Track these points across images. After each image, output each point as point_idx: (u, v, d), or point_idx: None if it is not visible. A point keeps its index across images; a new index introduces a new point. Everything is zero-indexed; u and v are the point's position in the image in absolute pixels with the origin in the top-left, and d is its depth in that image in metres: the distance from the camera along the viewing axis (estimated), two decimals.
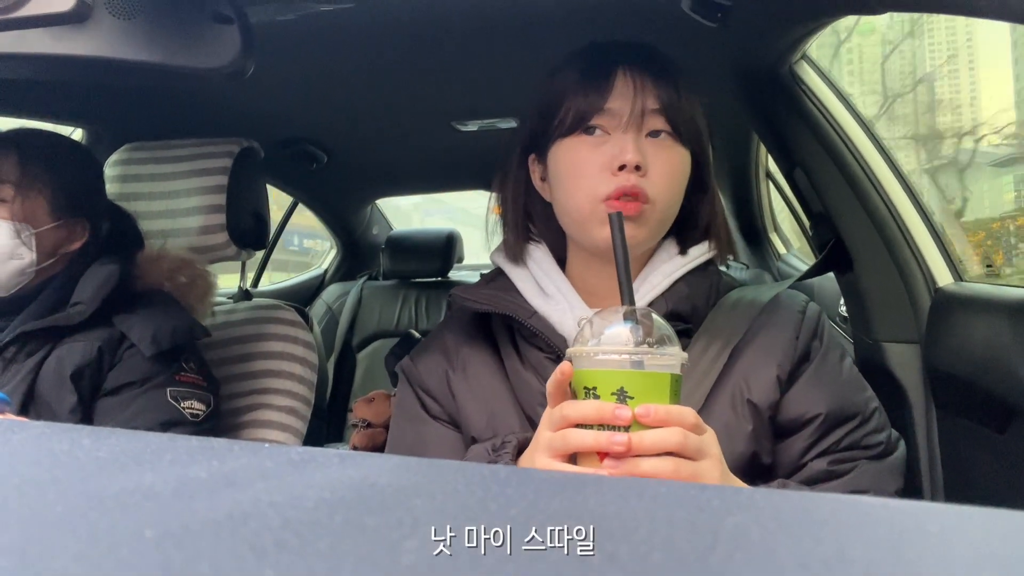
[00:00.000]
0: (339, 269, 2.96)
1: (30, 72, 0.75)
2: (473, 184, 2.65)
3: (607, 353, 0.60)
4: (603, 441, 0.58)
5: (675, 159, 0.78)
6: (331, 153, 2.05)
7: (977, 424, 1.09)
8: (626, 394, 0.59)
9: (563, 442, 0.60)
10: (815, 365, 0.79)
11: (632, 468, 0.58)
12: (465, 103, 1.68)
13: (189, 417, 1.12)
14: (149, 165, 1.43)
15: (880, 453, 0.77)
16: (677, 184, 0.79)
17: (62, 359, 1.08)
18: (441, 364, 0.86)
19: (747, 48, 1.19)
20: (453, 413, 0.84)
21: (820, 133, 1.26)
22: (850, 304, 1.40)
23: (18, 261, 1.11)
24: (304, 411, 1.41)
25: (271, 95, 1.56)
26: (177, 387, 1.13)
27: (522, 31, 1.25)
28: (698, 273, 0.82)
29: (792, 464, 0.77)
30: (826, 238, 1.33)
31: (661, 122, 0.77)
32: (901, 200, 1.26)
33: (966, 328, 1.10)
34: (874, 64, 6.56)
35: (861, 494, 0.74)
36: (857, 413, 0.77)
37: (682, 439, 0.58)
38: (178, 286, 1.26)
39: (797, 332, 0.80)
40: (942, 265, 1.24)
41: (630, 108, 0.76)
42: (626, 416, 0.58)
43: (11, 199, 1.11)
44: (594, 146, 0.77)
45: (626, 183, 0.74)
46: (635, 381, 0.59)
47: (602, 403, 0.59)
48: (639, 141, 0.76)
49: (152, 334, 1.12)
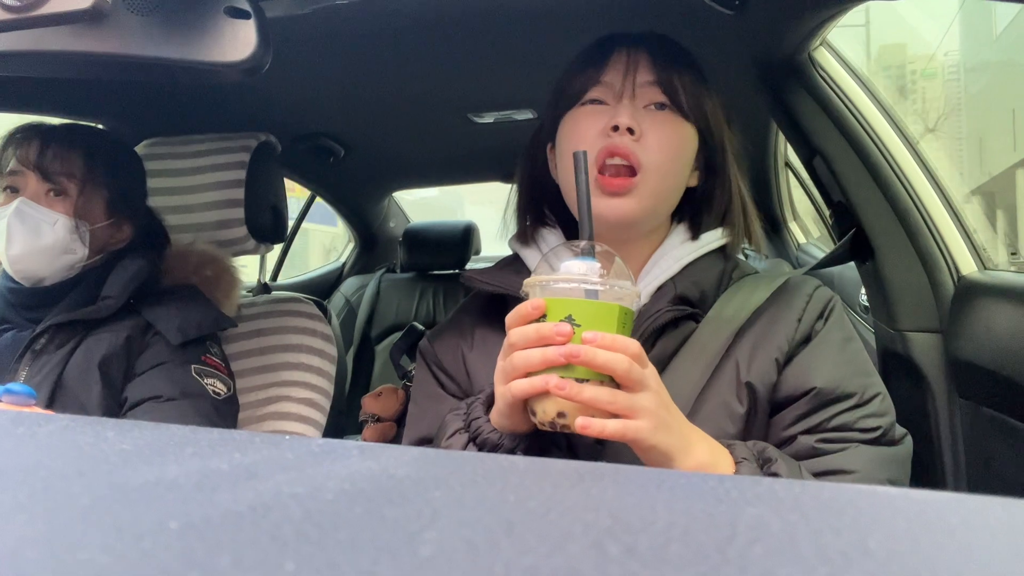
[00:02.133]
0: (357, 262, 2.97)
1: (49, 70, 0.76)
2: (490, 176, 2.65)
3: (558, 282, 0.63)
4: (550, 354, 0.60)
5: (674, 131, 0.79)
6: (348, 147, 2.06)
7: (1001, 414, 1.07)
8: (574, 321, 0.61)
9: (511, 365, 0.63)
10: (815, 343, 0.78)
11: (575, 392, 0.60)
12: (481, 95, 1.67)
13: (211, 393, 1.14)
14: (167, 160, 1.44)
15: (876, 439, 0.74)
16: (675, 155, 0.79)
17: (90, 349, 1.10)
18: (457, 343, 0.88)
19: (765, 35, 1.18)
20: (469, 391, 0.85)
21: (840, 121, 1.24)
22: (871, 293, 1.38)
23: (71, 256, 1.13)
24: (323, 403, 1.43)
25: (288, 90, 1.57)
26: (201, 365, 1.15)
27: (538, 22, 1.24)
28: (710, 258, 0.82)
29: (779, 436, 0.76)
30: (846, 227, 1.31)
31: (659, 94, 0.79)
32: (923, 188, 1.24)
33: (990, 317, 1.09)
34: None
35: (847, 474, 0.72)
36: (853, 394, 0.75)
37: (628, 366, 0.60)
38: (204, 280, 1.28)
39: (801, 315, 0.79)
40: (966, 253, 1.23)
41: (622, 78, 0.79)
42: (566, 332, 0.60)
43: (74, 195, 1.13)
44: (592, 114, 0.80)
45: (617, 143, 0.76)
46: (583, 309, 0.61)
47: (543, 324, 0.62)
48: (635, 110, 0.79)
49: (179, 323, 1.14)
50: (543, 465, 0.30)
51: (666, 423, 0.63)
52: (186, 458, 0.29)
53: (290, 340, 1.44)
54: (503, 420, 0.68)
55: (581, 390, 0.60)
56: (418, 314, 2.54)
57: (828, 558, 0.19)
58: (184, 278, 1.26)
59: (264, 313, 1.47)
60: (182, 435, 0.33)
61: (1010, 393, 1.03)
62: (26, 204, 1.09)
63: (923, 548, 0.21)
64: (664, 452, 0.63)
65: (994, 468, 1.11)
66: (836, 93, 1.23)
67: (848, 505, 0.24)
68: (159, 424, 0.35)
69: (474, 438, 0.71)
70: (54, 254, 1.11)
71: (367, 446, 0.32)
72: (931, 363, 1.23)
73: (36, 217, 1.10)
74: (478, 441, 0.70)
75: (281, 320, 1.46)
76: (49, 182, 1.12)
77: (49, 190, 1.12)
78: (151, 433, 0.33)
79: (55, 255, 1.11)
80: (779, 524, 0.21)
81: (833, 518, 0.23)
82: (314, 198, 2.70)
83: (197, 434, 0.33)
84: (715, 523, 0.22)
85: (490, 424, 0.70)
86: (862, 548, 0.19)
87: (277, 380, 1.41)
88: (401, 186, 2.89)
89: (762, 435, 0.77)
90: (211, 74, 0.71)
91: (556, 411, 0.62)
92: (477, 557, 0.19)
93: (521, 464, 0.30)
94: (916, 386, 1.24)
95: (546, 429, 0.64)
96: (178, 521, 0.21)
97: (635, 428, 0.61)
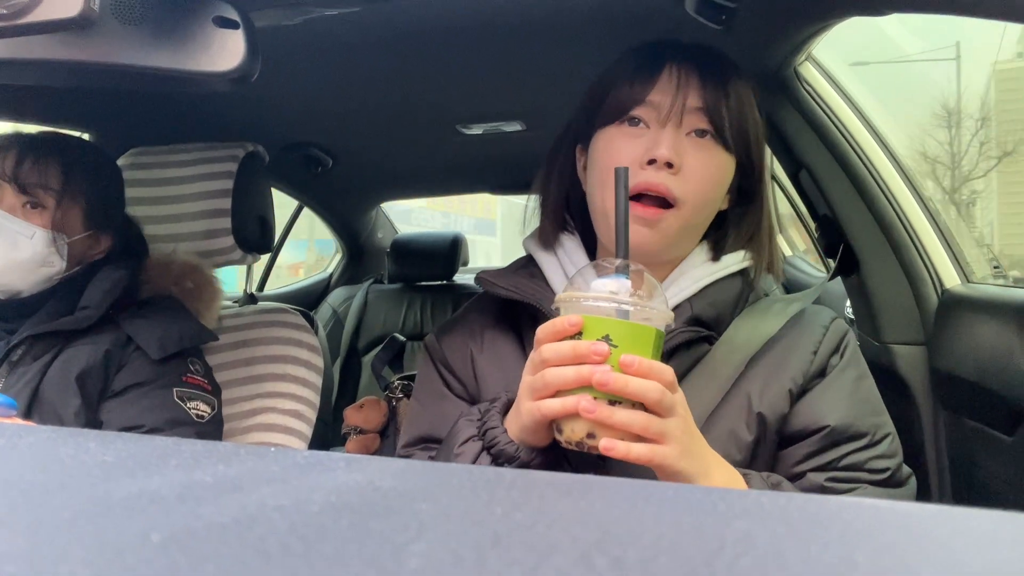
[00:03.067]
0: (344, 273, 2.96)
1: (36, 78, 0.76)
2: (479, 187, 2.65)
3: (596, 300, 0.61)
4: (585, 373, 0.59)
5: (714, 162, 0.76)
6: (336, 157, 2.06)
7: (985, 426, 1.08)
8: (611, 342, 0.60)
9: (543, 382, 0.61)
10: (830, 379, 0.77)
11: (607, 415, 0.59)
12: (470, 107, 1.68)
13: (194, 418, 1.12)
14: (154, 170, 1.43)
15: (884, 480, 0.74)
16: (711, 188, 0.77)
17: (68, 362, 1.08)
18: (466, 343, 0.86)
19: (751, 50, 1.19)
20: (475, 393, 0.84)
21: (825, 135, 1.25)
22: (856, 306, 1.39)
23: (48, 268, 1.11)
24: (309, 415, 1.42)
25: (276, 99, 1.57)
26: (183, 387, 1.13)
27: (528, 35, 1.25)
28: (729, 281, 0.80)
29: (788, 471, 0.75)
30: (832, 241, 1.32)
31: (703, 121, 0.76)
32: (907, 202, 1.25)
33: (973, 330, 1.10)
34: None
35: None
36: (865, 433, 0.74)
37: (660, 395, 0.59)
38: (185, 291, 1.26)
39: (817, 347, 0.78)
40: (949, 267, 1.24)
41: (671, 102, 0.75)
42: (603, 351, 0.59)
43: (52, 207, 1.11)
44: (632, 136, 0.77)
45: (652, 179, 0.74)
46: (621, 330, 0.60)
47: (579, 341, 0.60)
48: (677, 138, 0.75)
49: (159, 338, 1.12)
50: (530, 477, 0.30)
51: (690, 449, 0.63)
52: (169, 470, 0.28)
53: (276, 351, 1.43)
54: (525, 435, 0.66)
55: (612, 413, 0.59)
56: (405, 325, 2.53)
57: (815, 570, 0.19)
58: (164, 288, 1.24)
59: (250, 324, 1.46)
60: (165, 447, 0.32)
61: (992, 405, 1.04)
62: (3, 217, 1.07)
63: (908, 560, 0.21)
64: (687, 478, 0.62)
65: (977, 479, 1.12)
66: (822, 108, 1.25)
67: (835, 518, 0.24)
68: (142, 436, 0.35)
69: (489, 447, 0.69)
70: (31, 267, 1.09)
71: (353, 458, 0.32)
72: (915, 375, 1.24)
73: (13, 230, 1.08)
74: (493, 451, 0.68)
75: (267, 331, 1.45)
76: (25, 194, 1.09)
77: (26, 202, 1.10)
78: (134, 445, 0.33)
79: (32, 268, 1.09)
80: (767, 537, 0.21)
81: (820, 531, 0.23)
82: (301, 208, 2.69)
83: (180, 446, 0.32)
84: (703, 536, 0.22)
85: (507, 435, 0.68)
86: (849, 560, 0.20)
87: (263, 391, 1.40)
88: (390, 197, 2.89)
89: (767, 465, 0.76)
90: (199, 83, 0.70)
91: (586, 432, 0.61)
92: (464, 569, 0.18)
93: (508, 476, 0.29)
94: (900, 398, 1.25)
95: (571, 448, 0.63)
96: (161, 534, 0.20)
97: (663, 454, 0.60)
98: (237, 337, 1.44)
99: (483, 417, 0.71)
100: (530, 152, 1.38)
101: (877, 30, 8.58)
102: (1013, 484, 1.02)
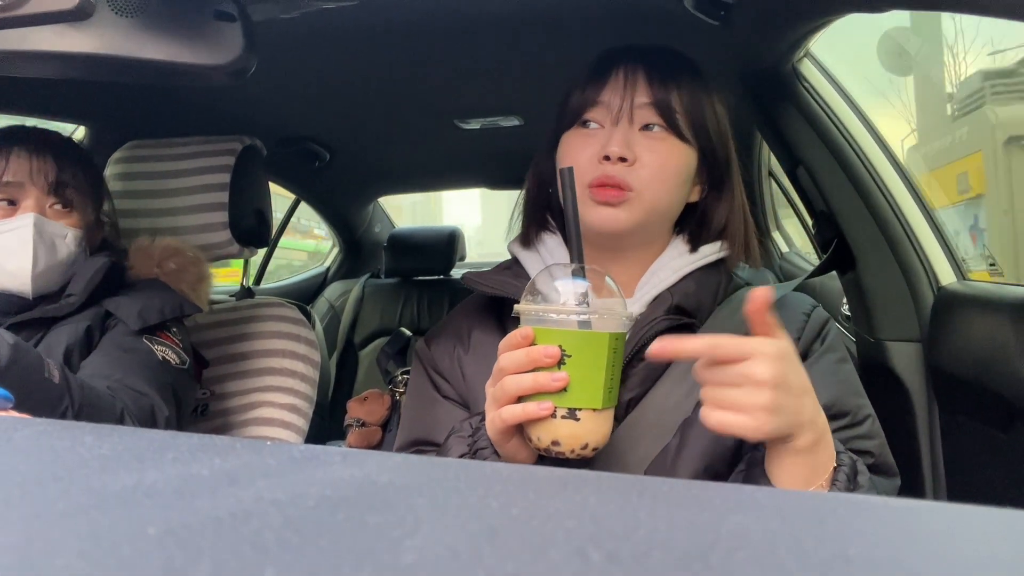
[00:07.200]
0: (341, 267, 2.96)
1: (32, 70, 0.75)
2: (476, 182, 2.65)
3: (548, 312, 0.63)
4: (541, 379, 0.61)
5: (667, 153, 0.79)
6: (333, 151, 2.05)
7: (980, 423, 1.09)
8: (564, 352, 0.61)
9: (502, 391, 0.63)
10: (811, 361, 0.79)
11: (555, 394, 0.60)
12: (468, 101, 1.68)
13: (160, 358, 1.11)
14: (151, 163, 1.43)
15: (870, 465, 0.75)
16: (669, 177, 0.79)
17: (51, 344, 1.09)
18: (454, 345, 0.88)
19: (750, 46, 1.19)
20: (463, 393, 0.86)
21: (823, 131, 1.26)
22: (853, 303, 1.40)
23: (72, 266, 1.13)
24: (306, 409, 1.42)
25: (274, 93, 1.56)
26: (155, 339, 1.13)
27: (526, 30, 1.25)
28: (707, 271, 0.83)
29: None
30: (829, 237, 1.33)
31: (654, 115, 0.79)
32: (904, 198, 1.25)
33: (969, 327, 1.10)
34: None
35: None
36: (847, 413, 0.76)
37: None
38: (169, 273, 1.27)
39: (799, 334, 0.80)
40: (945, 264, 1.24)
41: (620, 101, 0.79)
42: (554, 354, 0.61)
43: (78, 205, 1.13)
44: (587, 137, 0.81)
45: (609, 171, 0.77)
46: (573, 339, 0.61)
47: (532, 348, 0.62)
48: (629, 134, 0.79)
49: (139, 310, 1.12)
50: (526, 472, 0.30)
51: (812, 421, 0.62)
52: (166, 463, 0.28)
53: (273, 345, 1.43)
54: (501, 449, 0.68)
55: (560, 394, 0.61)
56: (402, 320, 2.53)
57: (809, 566, 0.19)
58: (149, 272, 1.25)
59: (247, 318, 1.46)
60: (162, 440, 0.32)
61: (988, 401, 1.04)
62: (41, 220, 1.08)
63: (903, 556, 0.21)
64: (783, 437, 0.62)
65: (972, 475, 1.12)
66: (819, 104, 1.25)
67: (829, 513, 0.25)
68: (138, 429, 0.35)
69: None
70: (65, 267, 1.11)
71: (350, 452, 0.32)
72: (911, 372, 1.25)
73: (50, 233, 1.09)
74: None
75: (264, 325, 1.45)
76: (54, 195, 1.10)
77: (54, 203, 1.11)
78: (130, 438, 0.33)
79: (66, 268, 1.11)
80: (761, 532, 0.22)
81: (815, 526, 0.23)
82: (299, 202, 2.69)
83: (177, 439, 0.32)
84: (697, 530, 0.22)
85: (497, 455, 0.69)
86: (843, 556, 0.20)
87: (259, 385, 1.40)
88: (387, 191, 2.89)
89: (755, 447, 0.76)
90: (196, 76, 0.70)
91: (551, 439, 0.62)
92: (459, 564, 0.18)
93: (504, 471, 0.29)
94: (896, 395, 1.26)
95: (551, 456, 0.64)
96: (157, 527, 0.20)
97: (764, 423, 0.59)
98: (234, 331, 1.44)
99: (474, 435, 0.73)
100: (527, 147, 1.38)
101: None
102: (1008, 480, 1.03)
